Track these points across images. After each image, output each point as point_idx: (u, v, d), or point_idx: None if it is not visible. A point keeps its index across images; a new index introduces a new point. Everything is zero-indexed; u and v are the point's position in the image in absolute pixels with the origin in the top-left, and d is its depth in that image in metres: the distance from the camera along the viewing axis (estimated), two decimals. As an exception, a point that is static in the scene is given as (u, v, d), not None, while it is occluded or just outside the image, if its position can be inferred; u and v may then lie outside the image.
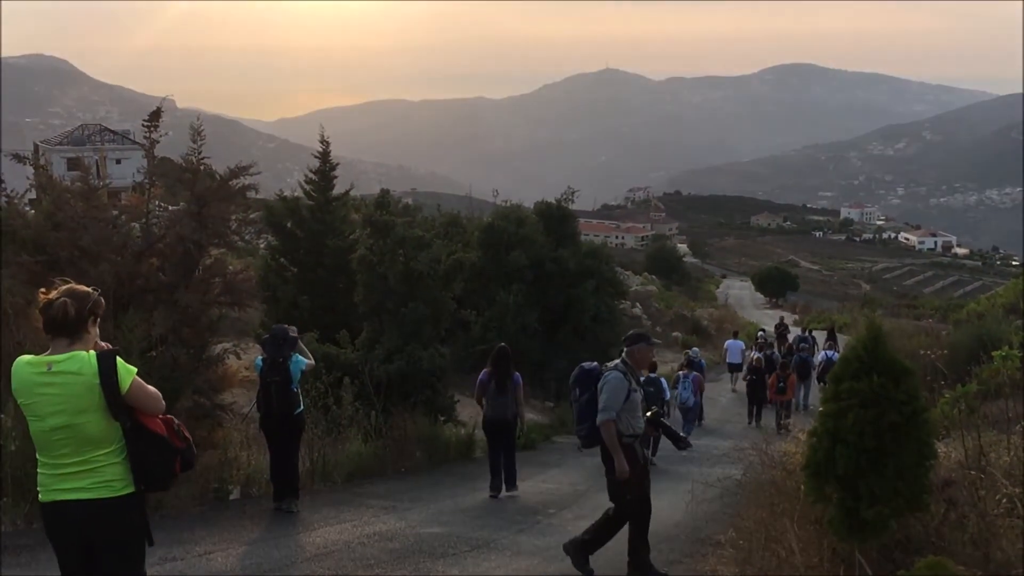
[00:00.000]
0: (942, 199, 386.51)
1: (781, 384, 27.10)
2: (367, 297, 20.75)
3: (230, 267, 15.00)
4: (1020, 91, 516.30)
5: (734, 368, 34.93)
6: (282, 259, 26.08)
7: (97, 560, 5.34)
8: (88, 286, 5.52)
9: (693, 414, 24.78)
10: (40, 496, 5.37)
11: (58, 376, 5.15)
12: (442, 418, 19.57)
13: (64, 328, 5.26)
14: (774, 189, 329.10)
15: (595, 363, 10.14)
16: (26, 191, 13.78)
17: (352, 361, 18.33)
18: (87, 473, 5.20)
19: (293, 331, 12.98)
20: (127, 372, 5.20)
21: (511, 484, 15.11)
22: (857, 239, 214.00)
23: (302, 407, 12.83)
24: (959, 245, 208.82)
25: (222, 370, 15.01)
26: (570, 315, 30.32)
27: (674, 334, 50.09)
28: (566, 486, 16.53)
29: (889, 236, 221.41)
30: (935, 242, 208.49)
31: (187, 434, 5.59)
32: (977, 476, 7.51)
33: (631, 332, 10.41)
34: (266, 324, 20.18)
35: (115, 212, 13.85)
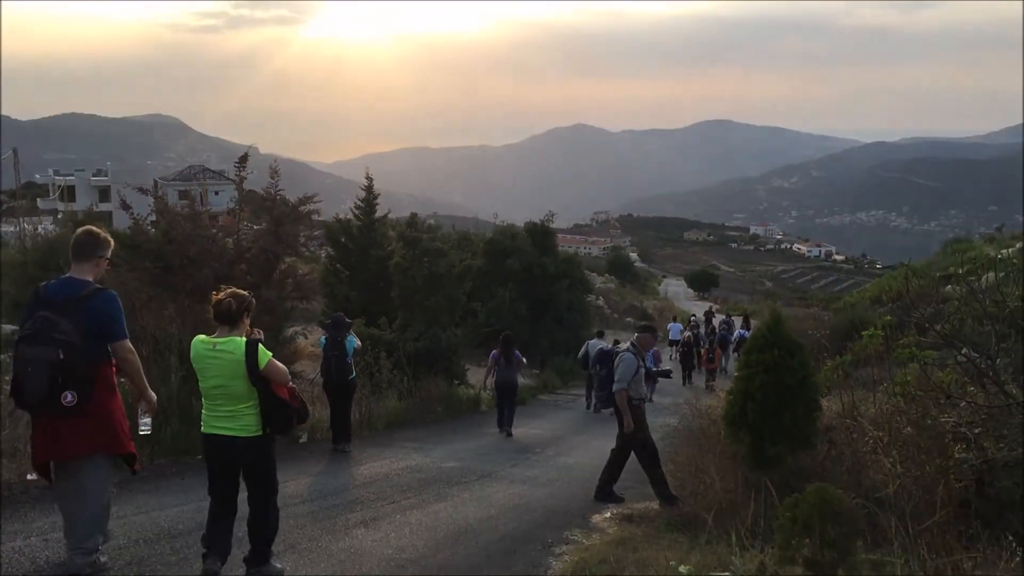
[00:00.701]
0: (825, 219, 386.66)
1: (710, 356, 27.48)
2: (400, 293, 20.72)
3: (299, 271, 14.99)
4: (881, 140, 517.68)
5: (674, 343, 35.08)
6: (338, 265, 26.04)
7: (234, 482, 5.89)
8: (243, 290, 5.96)
9: (652, 379, 24.89)
10: (202, 428, 5.85)
11: (220, 352, 5.69)
12: (456, 382, 19.56)
13: (227, 318, 5.75)
14: (701, 213, 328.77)
15: (609, 345, 10.26)
16: (148, 215, 13.74)
17: (390, 340, 18.30)
18: (233, 418, 5.72)
19: (344, 316, 13.02)
20: (264, 355, 5.71)
21: (510, 427, 15.66)
22: (762, 249, 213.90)
23: (354, 374, 12.82)
24: (837, 253, 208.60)
25: (294, 347, 15.00)
26: (550, 306, 30.31)
27: (627, 319, 50.09)
28: (548, 431, 16.54)
29: (786, 247, 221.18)
30: (820, 251, 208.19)
31: (303, 399, 6.08)
32: (851, 423, 7.51)
33: (642, 324, 10.49)
34: (326, 313, 20.15)
35: (214, 230, 13.81)
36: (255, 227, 14.64)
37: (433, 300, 19.93)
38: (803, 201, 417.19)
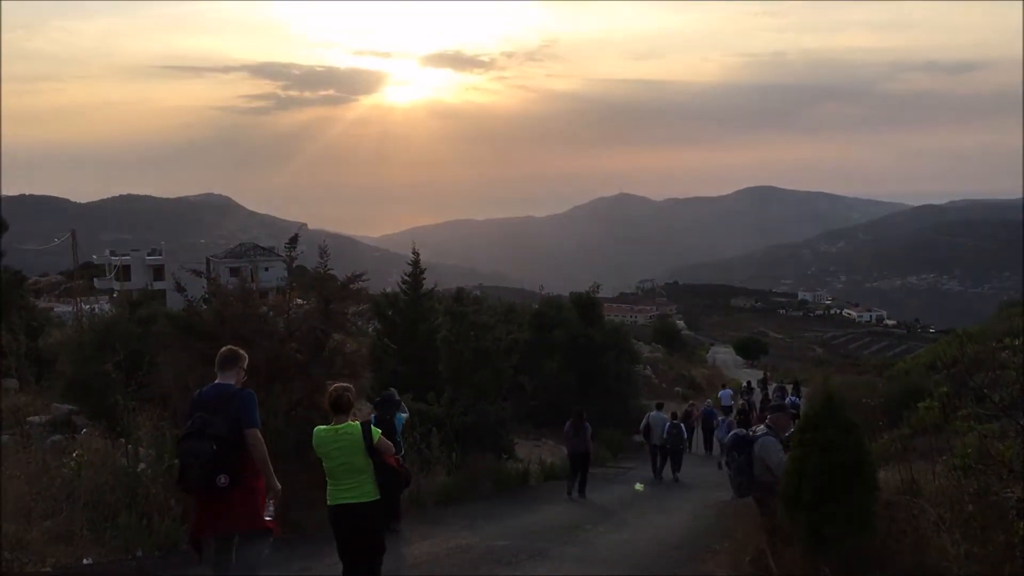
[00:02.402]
0: (874, 283, 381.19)
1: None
2: (448, 367, 20.76)
3: (347, 347, 15.09)
4: (931, 203, 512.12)
5: (726, 410, 34.75)
6: (385, 339, 26.18)
7: (359, 544, 7.06)
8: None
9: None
10: (328, 501, 7.07)
11: (342, 436, 6.95)
12: (505, 456, 19.41)
13: (342, 408, 7.05)
14: (747, 279, 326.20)
15: (745, 430, 9.80)
16: (201, 297, 14.01)
17: (438, 414, 18.29)
18: (355, 488, 6.97)
19: (395, 394, 13.09)
20: (375, 432, 7.03)
21: (582, 493, 17.19)
22: (811, 315, 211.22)
23: (403, 451, 12.79)
24: (888, 318, 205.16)
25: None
26: (598, 377, 30.12)
27: (676, 388, 49.51)
28: (598, 507, 16.27)
29: (835, 312, 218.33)
30: (870, 316, 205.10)
31: (406, 467, 7.40)
32: (911, 500, 7.31)
33: (774, 403, 10.09)
34: (375, 388, 20.22)
35: (264, 308, 14.00)
36: (304, 305, 14.82)
37: (480, 374, 19.94)
38: (851, 266, 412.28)
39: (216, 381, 6.91)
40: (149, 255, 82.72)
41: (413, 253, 27.12)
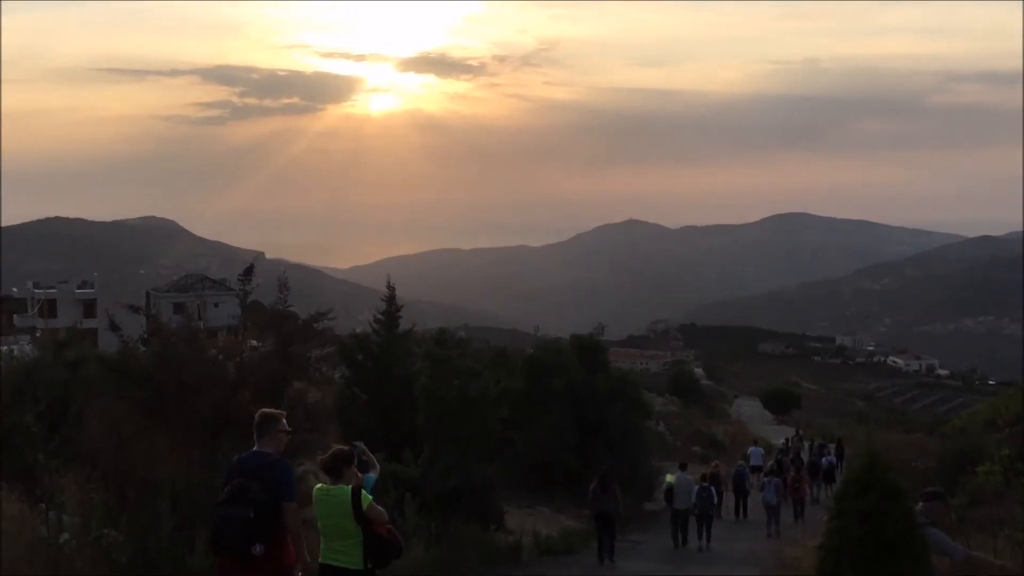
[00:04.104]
0: (924, 327, 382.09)
1: (796, 483, 27.52)
2: (427, 420, 20.69)
3: (310, 397, 15.04)
4: (988, 233, 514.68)
5: (756, 470, 34.74)
6: (354, 388, 26.09)
7: None
8: (345, 446, 8.22)
9: (777, 512, 24.90)
10: (319, 559, 7.87)
11: (332, 497, 7.79)
12: (493, 526, 19.28)
13: (331, 472, 7.91)
14: (777, 320, 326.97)
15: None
16: (139, 337, 13.97)
17: (414, 476, 18.19)
18: (342, 552, 7.73)
19: (362, 447, 12.97)
20: (366, 499, 7.72)
21: (611, 558, 18.56)
22: (851, 362, 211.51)
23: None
24: (941, 367, 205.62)
25: (305, 488, 14.89)
26: (602, 433, 30.01)
27: (693, 448, 49.35)
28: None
29: (879, 359, 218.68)
30: (920, 364, 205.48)
31: (399, 537, 8.04)
32: (969, 580, 7.27)
33: (929, 489, 9.89)
34: (341, 444, 20.11)
35: (214, 351, 13.97)
36: (260, 347, 14.79)
37: (465, 429, 19.87)
38: (897, 306, 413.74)
39: (254, 448, 7.84)
40: (79, 288, 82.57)
41: (388, 287, 27.10)
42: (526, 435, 27.81)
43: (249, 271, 14.33)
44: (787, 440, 43.89)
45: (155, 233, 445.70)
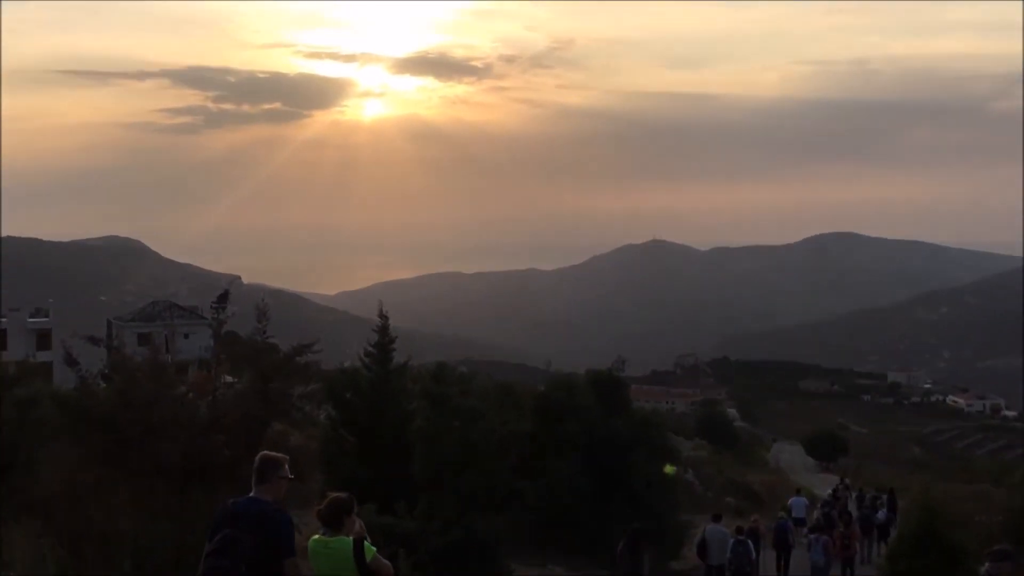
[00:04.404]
0: (988, 362, 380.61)
1: (846, 540, 27.30)
2: (424, 468, 20.66)
3: (292, 440, 15.02)
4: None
5: (798, 523, 34.58)
6: (342, 430, 26.08)
7: None
8: (343, 493, 8.49)
9: (825, 574, 24.83)
10: None
11: (331, 550, 8.05)
12: (498, 589, 19.21)
13: (330, 524, 8.19)
14: (820, 354, 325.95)
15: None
16: (99, 372, 13.99)
17: (409, 530, 18.12)
18: None
19: (349, 504, 12.91)
20: (369, 550, 7.99)
21: None
22: (905, 402, 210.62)
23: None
24: (1007, 408, 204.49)
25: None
26: (623, 483, 29.90)
27: (727, 499, 49.16)
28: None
29: (937, 399, 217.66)
30: (984, 405, 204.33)
31: None
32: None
33: (996, 548, 9.66)
34: (326, 495, 20.07)
35: (183, 388, 13.98)
36: (236, 384, 14.79)
37: (467, 477, 19.83)
38: (957, 338, 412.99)
39: (251, 494, 7.94)
40: (32, 316, 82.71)
41: (380, 316, 27.12)
42: (536, 485, 27.71)
43: (224, 298, 14.37)
44: (834, 490, 43.74)
45: (118, 255, 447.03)
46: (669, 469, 20.51)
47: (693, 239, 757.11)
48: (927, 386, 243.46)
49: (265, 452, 8.41)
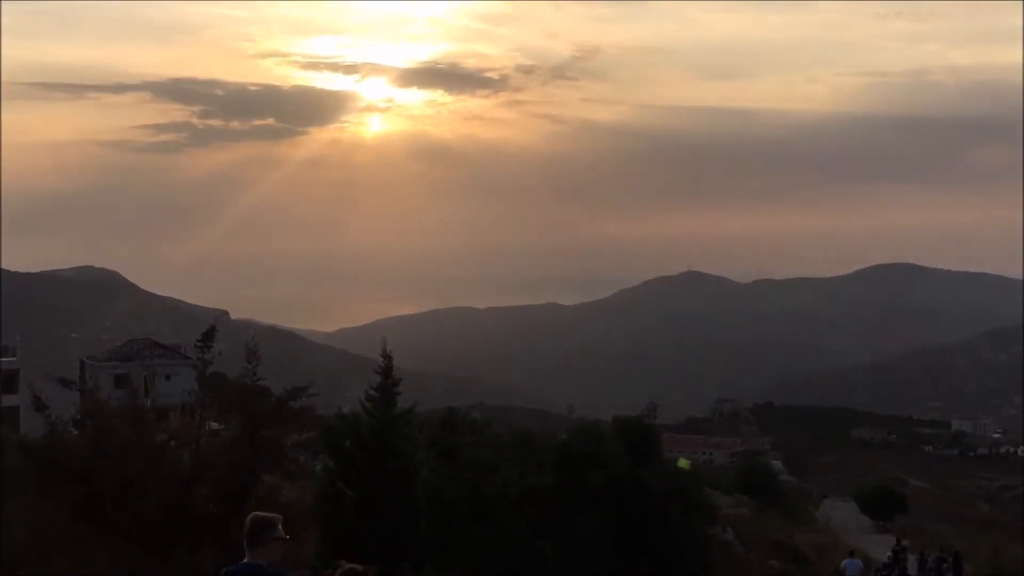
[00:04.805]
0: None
1: None
2: (432, 525, 20.64)
3: (284, 494, 15.03)
4: None
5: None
6: (340, 483, 26.07)
7: None
8: (358, 565, 9.17)
9: None
10: None
11: None
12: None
13: None
14: (875, 399, 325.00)
15: None
16: (71, 417, 14.06)
17: (415, 597, 18.13)
18: None
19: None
20: None
21: None
22: (971, 454, 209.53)
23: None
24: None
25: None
26: (654, 543, 29.82)
27: (770, 562, 48.87)
28: None
29: (1007, 450, 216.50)
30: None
31: None
32: None
33: None
34: (322, 556, 20.08)
35: (164, 435, 14.03)
36: (222, 432, 14.84)
37: (479, 535, 19.80)
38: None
39: (245, 560, 8.07)
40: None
41: (383, 356, 27.17)
42: (557, 544, 27.66)
43: (209, 335, 14.44)
44: (893, 552, 43.47)
45: (92, 287, 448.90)
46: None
47: (732, 270, 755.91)
48: (996, 436, 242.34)
49: (256, 513, 8.43)
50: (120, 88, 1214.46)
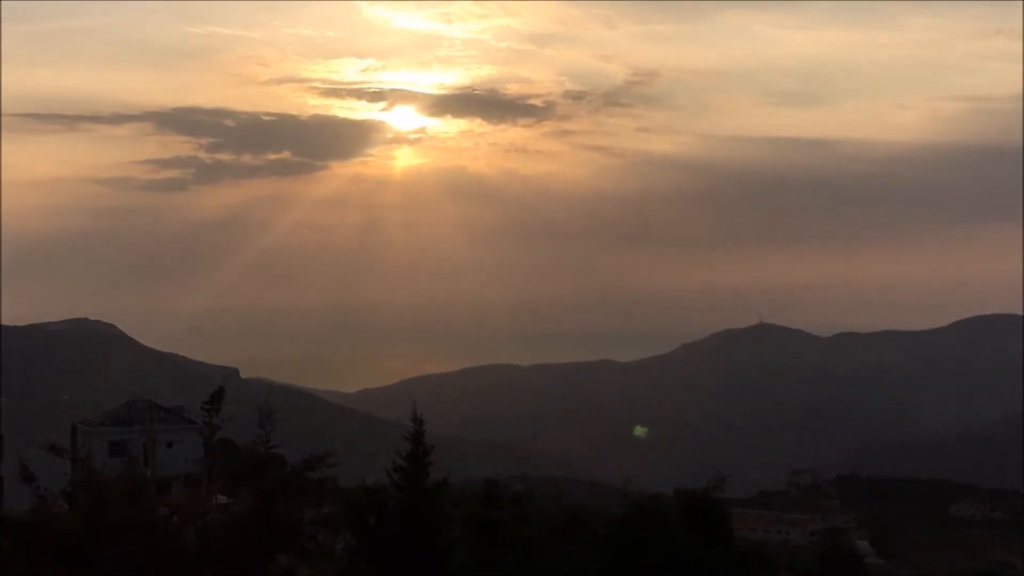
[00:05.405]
0: None
1: None
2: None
3: (302, 574, 15.02)
4: None
5: None
6: (363, 564, 26.04)
7: None
8: None
9: None
10: None
11: None
12: None
13: None
14: (977, 470, 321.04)
15: None
16: (62, 490, 14.15)
17: None
18: None
19: None
20: None
21: None
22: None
23: None
24: None
25: None
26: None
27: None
28: None
29: None
30: None
31: None
32: None
33: None
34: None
35: (165, 510, 14.07)
36: (232, 505, 14.88)
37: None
38: None
39: None
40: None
41: (413, 421, 27.20)
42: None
43: (217, 397, 14.54)
44: None
45: (87, 342, 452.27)
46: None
47: (811, 322, 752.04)
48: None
49: None
50: (118, 119, 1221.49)
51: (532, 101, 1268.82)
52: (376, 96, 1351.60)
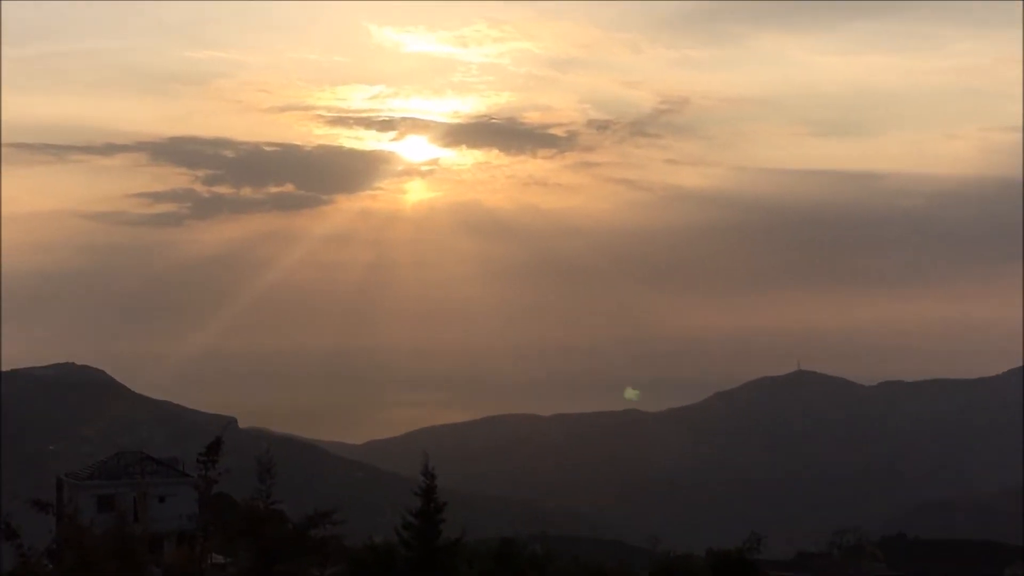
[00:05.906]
0: None
1: None
2: None
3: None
4: None
5: None
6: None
7: None
8: None
9: None
10: None
11: None
12: None
13: None
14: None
15: None
16: (47, 548, 14.17)
17: None
18: None
19: None
20: None
21: None
22: None
23: None
24: None
25: None
26: None
27: None
28: None
29: None
30: None
31: None
32: None
33: None
34: None
35: (158, 570, 14.09)
36: (228, 564, 14.89)
37: None
38: None
39: None
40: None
41: (424, 475, 27.28)
42: None
43: (214, 448, 14.58)
44: None
45: (75, 389, 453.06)
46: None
47: (854, 370, 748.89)
48: None
49: None
50: (110, 149, 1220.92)
51: (553, 131, 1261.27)
52: (386, 125, 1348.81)
